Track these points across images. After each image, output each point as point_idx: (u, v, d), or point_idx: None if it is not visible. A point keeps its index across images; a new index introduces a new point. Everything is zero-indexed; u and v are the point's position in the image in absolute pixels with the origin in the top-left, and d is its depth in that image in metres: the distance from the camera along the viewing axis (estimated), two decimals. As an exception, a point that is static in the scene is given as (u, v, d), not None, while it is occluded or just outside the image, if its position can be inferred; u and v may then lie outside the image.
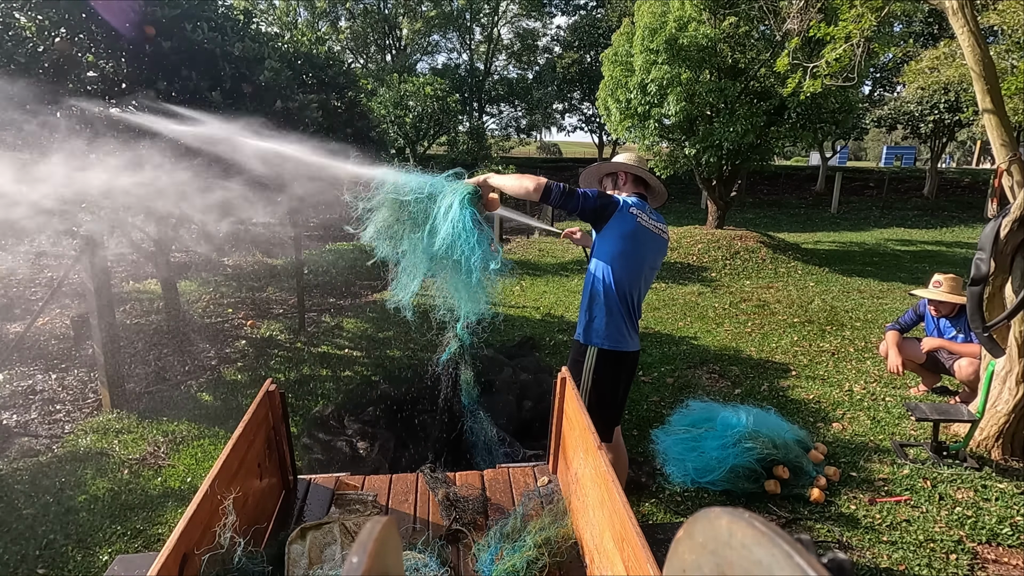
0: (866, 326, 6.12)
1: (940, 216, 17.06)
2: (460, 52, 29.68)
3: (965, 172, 24.31)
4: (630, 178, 2.58)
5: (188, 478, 3.24)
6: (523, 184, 2.32)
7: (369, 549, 0.47)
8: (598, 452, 1.77)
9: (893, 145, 34.15)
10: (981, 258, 3.22)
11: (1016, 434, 3.40)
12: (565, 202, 2.32)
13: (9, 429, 3.71)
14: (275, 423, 2.31)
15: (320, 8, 23.65)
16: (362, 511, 2.28)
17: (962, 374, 3.98)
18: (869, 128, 22.30)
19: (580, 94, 27.46)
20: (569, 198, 2.32)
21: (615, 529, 1.53)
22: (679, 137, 9.99)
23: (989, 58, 3.28)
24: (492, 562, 1.93)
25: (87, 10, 3.61)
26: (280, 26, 21.04)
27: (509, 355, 4.72)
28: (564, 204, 2.33)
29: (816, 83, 5.96)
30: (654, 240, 2.46)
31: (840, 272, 9.34)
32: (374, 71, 20.96)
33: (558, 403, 2.42)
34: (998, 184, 3.37)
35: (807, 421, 3.91)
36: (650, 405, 4.19)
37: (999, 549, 2.68)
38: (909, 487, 3.13)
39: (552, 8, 29.10)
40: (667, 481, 3.18)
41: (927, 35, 19.88)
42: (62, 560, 2.59)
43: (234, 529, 1.69)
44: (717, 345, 5.54)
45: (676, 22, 9.06)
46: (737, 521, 0.41)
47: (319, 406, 3.90)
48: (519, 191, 2.34)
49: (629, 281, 2.41)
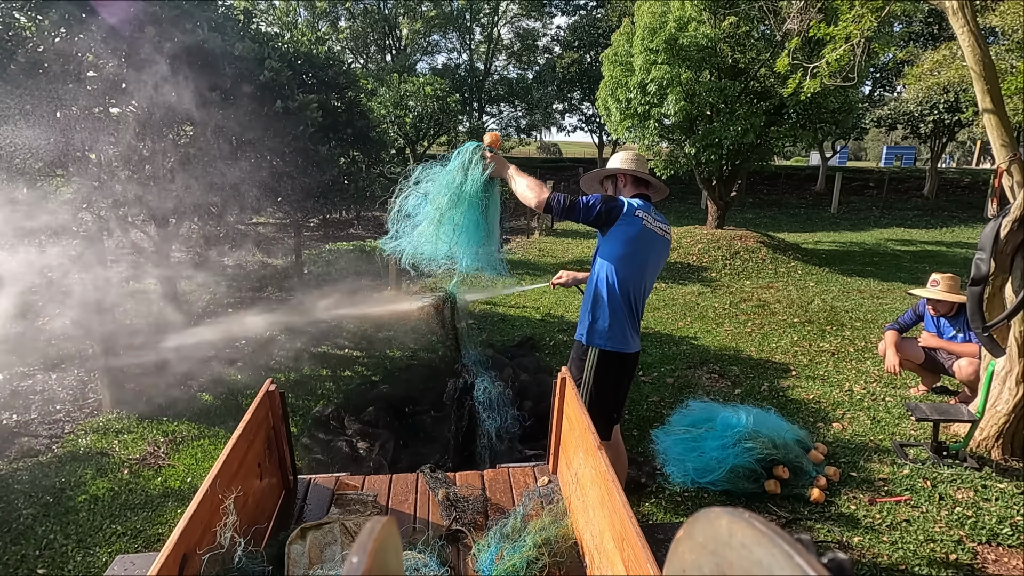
0: (866, 326, 6.12)
1: (940, 216, 17.06)
2: (460, 52, 29.67)
3: (965, 172, 24.32)
4: (630, 179, 2.59)
5: (188, 478, 3.24)
6: (528, 193, 2.43)
7: (369, 549, 0.47)
8: (598, 452, 1.77)
9: (893, 145, 34.14)
10: (981, 258, 3.22)
11: (1016, 434, 3.40)
12: (568, 213, 2.39)
13: (9, 429, 3.71)
14: (275, 423, 2.31)
15: (320, 8, 23.62)
16: (362, 511, 2.28)
17: (962, 374, 3.98)
18: (869, 128, 22.30)
19: (580, 94, 27.41)
20: (570, 210, 2.39)
21: (615, 529, 1.53)
22: (679, 137, 9.99)
23: (989, 58, 3.28)
24: (492, 562, 1.93)
25: (87, 10, 3.61)
26: (280, 26, 21.03)
27: (509, 355, 4.72)
28: (566, 216, 2.40)
29: (816, 83, 5.96)
30: (658, 241, 2.46)
31: (840, 272, 9.34)
32: (374, 71, 20.93)
33: (558, 403, 2.42)
34: (998, 184, 3.37)
35: (807, 421, 3.91)
36: (650, 405, 4.19)
37: (999, 549, 2.68)
38: (909, 487, 3.13)
39: (552, 8, 29.06)
40: (667, 481, 3.18)
41: (927, 35, 19.87)
42: (62, 560, 2.59)
43: (234, 529, 1.69)
44: (717, 345, 5.54)
45: (676, 22, 9.06)
46: (737, 521, 0.41)
47: (319, 406, 3.90)
48: (523, 196, 2.45)
49: (633, 283, 2.42)
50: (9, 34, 3.40)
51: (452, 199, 2.42)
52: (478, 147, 2.48)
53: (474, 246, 2.48)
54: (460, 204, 2.42)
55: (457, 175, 2.43)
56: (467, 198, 2.42)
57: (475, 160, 2.45)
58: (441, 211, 2.42)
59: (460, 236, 2.45)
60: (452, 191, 2.42)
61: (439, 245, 2.45)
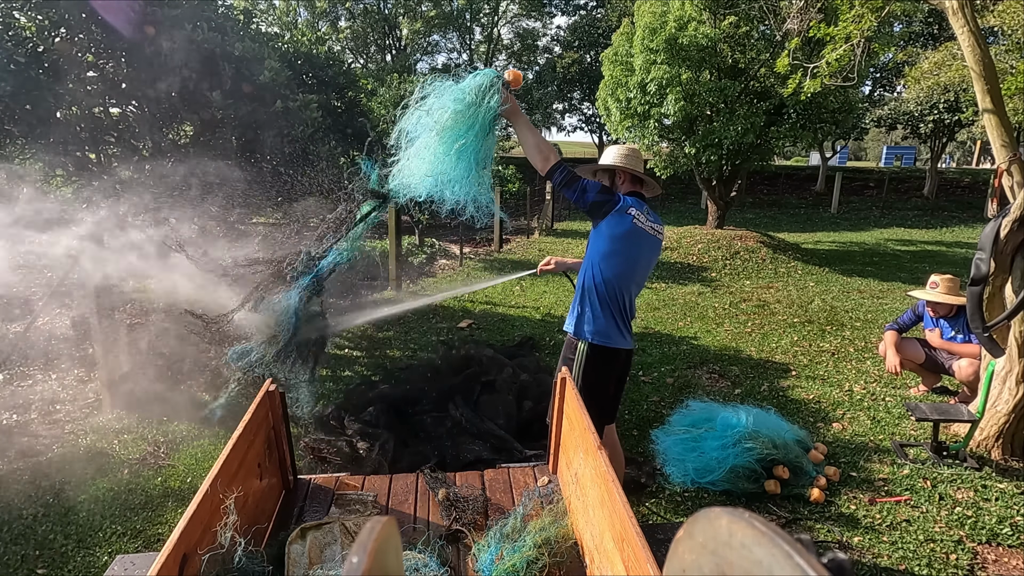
0: (866, 326, 6.12)
1: (940, 216, 17.06)
2: (460, 52, 29.65)
3: (965, 172, 24.32)
4: (628, 176, 2.59)
5: (188, 478, 3.24)
6: (536, 153, 2.39)
7: (369, 549, 0.47)
8: (598, 452, 1.77)
9: (893, 145, 34.13)
10: (981, 258, 3.22)
11: (1016, 434, 3.40)
12: (564, 188, 2.38)
13: (9, 429, 3.71)
14: (275, 423, 2.31)
15: (320, 8, 23.61)
16: (362, 511, 2.28)
17: (962, 374, 3.98)
18: (869, 128, 22.32)
19: (580, 94, 27.42)
20: (568, 186, 2.38)
21: (615, 529, 1.53)
22: (679, 137, 9.99)
23: (989, 58, 3.28)
24: (492, 562, 1.93)
25: (87, 10, 3.61)
26: (280, 26, 21.03)
27: (509, 355, 4.72)
28: (563, 189, 2.39)
29: (816, 83, 5.96)
30: (649, 240, 2.46)
31: (840, 272, 9.34)
32: (374, 71, 20.93)
33: (558, 403, 2.42)
34: (998, 184, 3.37)
35: (807, 421, 3.91)
36: (650, 405, 4.19)
37: (999, 549, 2.68)
38: (909, 487, 3.13)
39: (552, 8, 29.06)
40: (667, 481, 3.18)
41: (927, 36, 19.87)
42: (62, 560, 2.59)
43: (234, 529, 1.69)
44: (717, 345, 5.54)
45: (676, 22, 9.06)
46: (737, 521, 0.41)
47: (319, 406, 3.90)
48: (531, 152, 2.40)
49: (620, 281, 2.43)
50: (9, 34, 3.40)
51: (461, 118, 2.26)
52: (499, 77, 2.33)
53: (471, 172, 2.33)
54: (470, 127, 2.27)
55: (470, 95, 2.26)
56: (478, 123, 2.28)
57: (496, 87, 2.29)
58: (443, 126, 2.27)
59: (459, 158, 2.30)
60: (462, 110, 2.25)
61: (436, 163, 2.29)
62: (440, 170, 2.29)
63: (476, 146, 2.29)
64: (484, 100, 2.27)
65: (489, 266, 9.45)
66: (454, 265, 9.59)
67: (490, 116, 2.29)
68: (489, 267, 9.39)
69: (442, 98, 2.31)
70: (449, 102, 2.28)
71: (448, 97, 2.30)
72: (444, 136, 2.26)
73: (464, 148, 2.27)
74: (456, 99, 2.27)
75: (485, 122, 2.28)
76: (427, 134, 2.31)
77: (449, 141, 2.26)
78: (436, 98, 2.33)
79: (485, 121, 2.28)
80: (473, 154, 2.29)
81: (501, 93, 2.29)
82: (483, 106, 2.26)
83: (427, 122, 2.32)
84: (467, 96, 2.26)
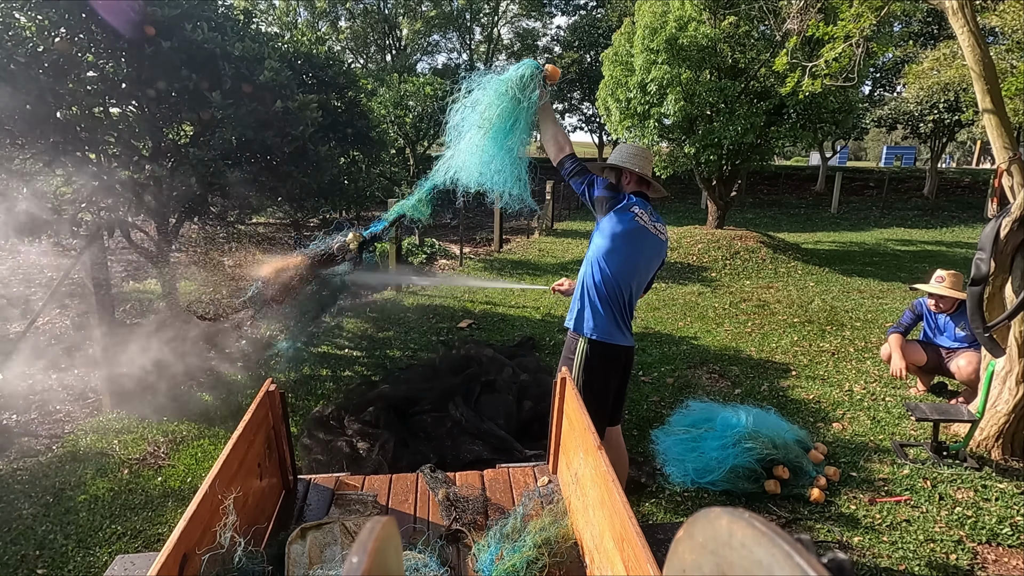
0: (866, 326, 6.12)
1: (940, 216, 17.06)
2: (460, 52, 29.66)
3: (965, 172, 24.31)
4: (634, 177, 2.59)
5: (188, 478, 3.24)
6: (553, 143, 2.50)
7: (369, 549, 0.47)
8: (598, 452, 1.77)
9: (893, 145, 34.13)
10: (981, 258, 3.22)
11: (1016, 434, 3.40)
12: (572, 178, 2.46)
13: (9, 429, 3.71)
14: (275, 423, 2.31)
15: (320, 8, 23.62)
16: (362, 511, 2.28)
17: (962, 374, 3.99)
18: (869, 128, 22.31)
19: (580, 94, 27.42)
20: (576, 176, 2.45)
21: (615, 529, 1.53)
22: (679, 137, 9.99)
23: (989, 58, 3.28)
24: (492, 562, 1.93)
25: (87, 10, 3.61)
26: (280, 26, 21.03)
27: (509, 355, 4.72)
28: (571, 179, 2.46)
29: (816, 83, 5.96)
30: (651, 241, 2.46)
31: (840, 272, 9.34)
32: (374, 71, 20.93)
33: (558, 403, 2.42)
34: (998, 184, 3.37)
35: (807, 421, 3.91)
36: (650, 405, 4.19)
37: (999, 549, 2.68)
38: (909, 487, 3.13)
39: (552, 8, 29.07)
40: (667, 481, 3.18)
41: (926, 35, 19.87)
42: (62, 560, 2.59)
43: (234, 529, 1.69)
44: (717, 345, 5.54)
45: (676, 22, 9.05)
46: (737, 521, 0.41)
47: (319, 406, 3.90)
48: (548, 141, 2.51)
49: (619, 279, 2.43)
50: (9, 34, 3.40)
51: (506, 113, 2.34)
52: (540, 69, 2.39)
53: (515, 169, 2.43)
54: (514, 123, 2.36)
55: (512, 88, 2.33)
56: (522, 118, 2.37)
57: (537, 80, 2.36)
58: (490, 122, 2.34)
59: (505, 153, 2.39)
60: (507, 105, 2.33)
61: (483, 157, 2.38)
62: (485, 162, 2.40)
63: (517, 142, 2.42)
64: (526, 94, 2.35)
65: (489, 266, 9.45)
66: (454, 265, 9.59)
67: (532, 111, 2.39)
68: (489, 267, 9.39)
69: (487, 92, 2.40)
70: (494, 97, 2.37)
71: (492, 91, 2.38)
72: (491, 132, 2.37)
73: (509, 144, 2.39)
74: (500, 93, 2.36)
75: (528, 116, 2.39)
76: (474, 131, 2.41)
77: (497, 137, 2.37)
78: (481, 92, 2.42)
79: (528, 115, 2.39)
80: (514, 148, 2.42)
81: (540, 86, 2.39)
82: (525, 101, 2.35)
83: (473, 118, 2.42)
84: (511, 90, 2.35)
